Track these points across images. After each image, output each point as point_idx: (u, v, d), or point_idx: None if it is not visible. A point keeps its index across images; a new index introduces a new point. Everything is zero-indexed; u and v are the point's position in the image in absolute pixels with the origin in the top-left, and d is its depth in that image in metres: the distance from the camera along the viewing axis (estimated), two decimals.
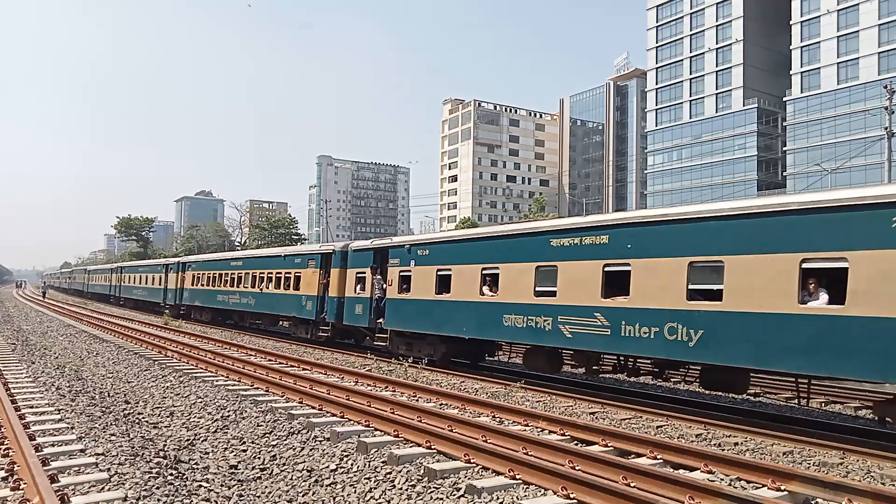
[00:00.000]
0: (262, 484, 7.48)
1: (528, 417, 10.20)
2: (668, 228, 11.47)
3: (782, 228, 9.69)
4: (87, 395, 12.30)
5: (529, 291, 13.79)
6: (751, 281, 9.92)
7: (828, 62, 79.98)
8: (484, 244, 15.71)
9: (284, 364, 17.27)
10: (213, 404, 11.51)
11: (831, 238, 9.09)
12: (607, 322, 12.00)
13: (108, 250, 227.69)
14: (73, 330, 27.67)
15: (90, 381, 14.20)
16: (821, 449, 9.48)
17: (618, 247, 12.06)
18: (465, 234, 17.44)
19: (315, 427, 9.40)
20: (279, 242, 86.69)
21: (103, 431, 9.13)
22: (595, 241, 12.49)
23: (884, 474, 8.31)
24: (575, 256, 12.85)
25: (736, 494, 6.08)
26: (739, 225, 10.25)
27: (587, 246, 12.62)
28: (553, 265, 13.36)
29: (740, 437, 10.18)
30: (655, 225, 11.69)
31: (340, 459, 7.99)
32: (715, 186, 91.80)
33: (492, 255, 15.22)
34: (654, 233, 11.60)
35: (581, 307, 12.54)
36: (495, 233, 15.78)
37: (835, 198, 9.23)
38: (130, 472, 7.13)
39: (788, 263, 9.47)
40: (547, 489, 6.64)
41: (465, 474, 7.20)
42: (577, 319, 12.61)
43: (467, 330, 15.78)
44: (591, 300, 12.30)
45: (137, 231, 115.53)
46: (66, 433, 8.85)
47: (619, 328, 11.77)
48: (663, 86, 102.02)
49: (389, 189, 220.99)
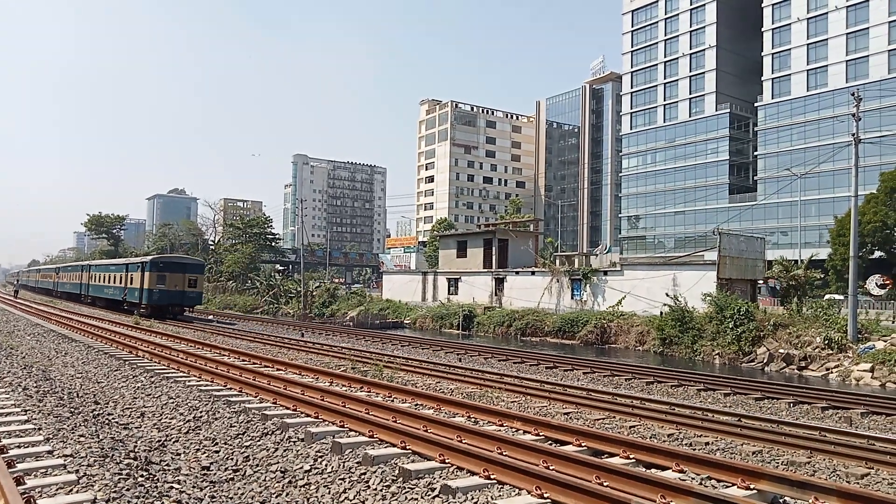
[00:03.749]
0: (235, 485, 7.40)
1: (503, 418, 10.25)
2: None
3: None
4: (55, 395, 12.06)
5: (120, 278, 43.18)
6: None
7: (798, 69, 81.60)
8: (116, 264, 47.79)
9: (258, 364, 17.13)
10: (185, 405, 11.36)
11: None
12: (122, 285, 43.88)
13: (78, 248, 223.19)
14: (41, 329, 27.10)
15: (58, 382, 13.92)
16: (789, 448, 9.68)
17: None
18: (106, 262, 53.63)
19: (289, 428, 9.33)
20: (254, 242, 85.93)
21: (72, 432, 8.96)
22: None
23: (849, 473, 8.52)
24: (102, 270, 49.03)
25: (707, 493, 6.18)
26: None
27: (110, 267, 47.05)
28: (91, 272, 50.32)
29: (711, 437, 10.35)
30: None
31: (315, 460, 7.95)
32: (688, 190, 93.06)
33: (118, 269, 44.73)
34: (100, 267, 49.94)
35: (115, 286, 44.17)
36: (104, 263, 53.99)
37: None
38: (100, 474, 7.02)
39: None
40: (521, 489, 6.67)
41: (440, 474, 7.21)
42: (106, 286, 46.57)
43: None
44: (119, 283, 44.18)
45: (108, 229, 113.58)
46: (33, 434, 8.68)
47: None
48: (638, 90, 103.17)
49: (366, 189, 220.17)
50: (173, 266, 40.05)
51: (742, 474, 7.13)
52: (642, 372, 19.86)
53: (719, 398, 16.04)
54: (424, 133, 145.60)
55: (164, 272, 38.89)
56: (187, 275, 39.77)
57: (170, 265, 40.10)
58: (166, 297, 38.63)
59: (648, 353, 30.29)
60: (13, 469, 6.77)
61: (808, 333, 25.85)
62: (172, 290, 38.81)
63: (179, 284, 39.11)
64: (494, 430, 9.33)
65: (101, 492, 6.44)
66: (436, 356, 23.59)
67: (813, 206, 77.08)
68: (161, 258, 43.18)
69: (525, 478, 6.75)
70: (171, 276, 39.01)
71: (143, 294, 39.04)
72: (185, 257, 49.33)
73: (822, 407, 14.81)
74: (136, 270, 40.62)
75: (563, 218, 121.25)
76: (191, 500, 6.72)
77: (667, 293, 31.71)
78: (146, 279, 38.85)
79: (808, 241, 71.94)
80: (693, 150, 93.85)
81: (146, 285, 38.76)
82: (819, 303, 30.83)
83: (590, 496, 6.10)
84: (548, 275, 41.23)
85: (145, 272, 39.08)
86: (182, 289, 39.28)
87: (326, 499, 6.82)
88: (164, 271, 38.94)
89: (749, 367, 25.77)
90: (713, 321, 28.64)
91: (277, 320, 45.73)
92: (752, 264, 35.58)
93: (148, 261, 40.24)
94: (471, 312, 41.15)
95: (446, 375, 16.88)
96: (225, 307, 61.22)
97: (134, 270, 40.97)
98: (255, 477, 7.62)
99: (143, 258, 43.11)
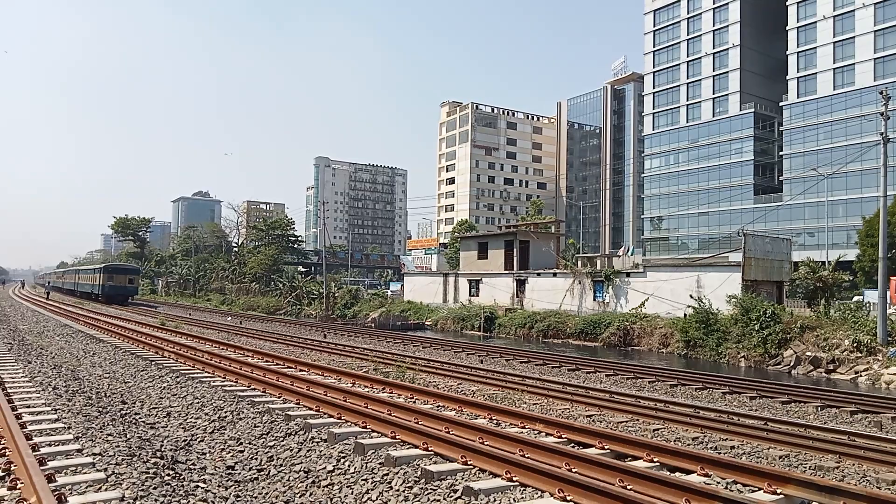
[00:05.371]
0: (259, 485, 7.48)
1: (525, 420, 10.21)
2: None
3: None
4: (83, 394, 12.28)
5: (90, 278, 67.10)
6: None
7: (824, 67, 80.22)
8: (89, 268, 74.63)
9: (281, 365, 17.27)
10: (211, 405, 11.50)
11: None
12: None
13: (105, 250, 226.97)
14: (69, 330, 27.61)
15: (87, 381, 14.18)
16: (817, 453, 9.52)
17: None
18: (86, 267, 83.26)
19: (312, 428, 9.39)
20: (276, 243, 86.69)
21: (100, 431, 9.12)
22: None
23: (880, 478, 8.35)
24: (85, 273, 72.95)
25: (732, 497, 6.10)
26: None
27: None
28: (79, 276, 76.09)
29: (736, 440, 10.22)
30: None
31: (338, 461, 7.99)
32: (712, 190, 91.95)
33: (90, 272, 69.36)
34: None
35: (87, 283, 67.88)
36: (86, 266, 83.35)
37: None
38: (127, 473, 7.13)
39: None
40: (544, 491, 6.64)
41: (462, 476, 7.21)
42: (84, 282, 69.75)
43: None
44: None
45: (134, 231, 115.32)
46: (62, 433, 8.84)
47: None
48: (660, 90, 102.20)
49: (387, 191, 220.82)
50: (118, 270, 63.27)
51: (768, 479, 7.02)
52: (666, 374, 19.67)
53: (745, 401, 15.84)
54: (445, 135, 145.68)
55: (112, 274, 60.69)
56: (128, 275, 62.43)
57: (116, 269, 63.12)
58: (114, 290, 59.37)
59: (672, 355, 29.99)
60: (45, 467, 6.91)
61: (836, 336, 25.41)
62: (118, 285, 59.90)
63: (122, 282, 60.67)
64: (516, 432, 9.31)
65: (129, 490, 6.54)
66: (457, 358, 23.59)
67: (840, 207, 75.72)
68: (110, 265, 67.57)
69: (548, 480, 6.72)
70: (117, 276, 60.42)
71: (101, 288, 59.81)
72: (126, 264, 75.38)
73: (850, 411, 14.55)
74: (98, 273, 62.79)
75: (585, 219, 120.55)
76: (216, 499, 6.81)
77: (691, 295, 31.38)
78: (101, 278, 60.24)
79: (835, 242, 70.67)
80: (717, 151, 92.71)
81: (101, 282, 60.12)
82: (847, 305, 30.28)
83: (613, 499, 6.05)
84: (570, 276, 41.02)
85: (101, 274, 61.09)
86: (124, 284, 60.72)
87: (349, 499, 6.86)
88: (112, 273, 60.89)
89: (775, 370, 25.40)
90: (738, 323, 28.27)
91: (300, 321, 46.07)
92: (778, 266, 35.06)
93: (101, 266, 64.94)
94: (492, 314, 41.07)
95: (468, 377, 16.88)
96: (248, 308, 61.80)
97: (97, 273, 63.09)
98: (279, 477, 7.69)
99: (99, 265, 69.91)
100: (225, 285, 79.43)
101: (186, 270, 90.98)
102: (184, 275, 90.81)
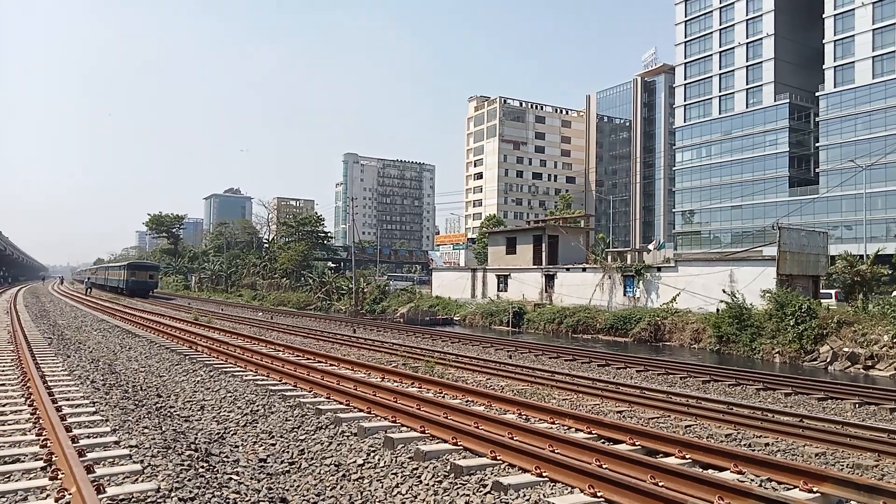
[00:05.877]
0: (291, 477, 7.57)
1: (555, 415, 10.17)
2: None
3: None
4: (120, 388, 12.56)
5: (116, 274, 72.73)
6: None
7: (862, 56, 78.01)
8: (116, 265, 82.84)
9: (312, 360, 17.45)
10: (243, 399, 11.68)
11: None
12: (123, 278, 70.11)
13: (140, 246, 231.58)
14: (106, 325, 28.26)
15: (123, 375, 14.50)
16: (854, 451, 9.31)
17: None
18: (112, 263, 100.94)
19: (342, 422, 9.48)
20: (306, 240, 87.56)
21: (136, 424, 9.32)
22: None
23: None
24: (113, 269, 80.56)
25: (767, 495, 5.99)
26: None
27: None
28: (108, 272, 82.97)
29: (771, 437, 10.05)
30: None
31: (368, 455, 8.06)
32: (745, 183, 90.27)
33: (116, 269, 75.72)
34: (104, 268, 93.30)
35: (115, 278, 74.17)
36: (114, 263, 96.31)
37: None
38: (163, 464, 7.28)
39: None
40: (574, 487, 6.61)
41: (491, 471, 7.21)
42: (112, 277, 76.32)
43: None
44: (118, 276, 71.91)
45: (168, 228, 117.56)
46: (100, 425, 9.06)
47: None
48: (692, 81, 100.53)
49: (415, 186, 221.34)
50: (140, 267, 70.03)
51: (804, 476, 6.89)
52: (698, 370, 19.40)
53: (780, 398, 15.55)
54: (473, 130, 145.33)
55: (135, 270, 67.52)
56: (149, 272, 68.93)
57: (138, 266, 69.92)
58: (136, 284, 65.19)
59: (704, 351, 29.57)
60: (84, 458, 7.09)
61: (874, 331, 24.78)
62: (139, 280, 65.99)
63: (144, 277, 66.85)
64: (546, 427, 9.27)
65: (165, 481, 6.68)
66: (486, 353, 23.58)
67: (879, 199, 73.72)
68: (133, 262, 74.34)
69: (578, 476, 6.68)
70: (139, 273, 67.00)
71: (126, 283, 65.76)
72: (147, 262, 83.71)
73: (890, 408, 14.18)
74: (123, 269, 69.60)
75: (615, 213, 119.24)
76: (249, 490, 6.91)
77: (723, 290, 30.87)
78: (126, 274, 66.79)
79: (873, 235, 68.82)
80: (750, 143, 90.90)
81: (126, 278, 66.31)
82: (887, 299, 29.48)
83: (645, 496, 6.00)
84: (599, 271, 40.67)
85: (125, 270, 68.03)
86: (145, 280, 66.95)
87: (380, 492, 6.91)
88: (135, 269, 67.61)
89: (811, 367, 24.88)
90: (773, 318, 27.74)
91: (330, 316, 46.50)
92: (815, 260, 34.28)
93: (126, 264, 72.11)
94: (521, 309, 40.94)
95: (497, 372, 16.86)
96: (279, 304, 62.53)
97: (123, 269, 70.03)
98: (310, 470, 7.78)
99: (125, 262, 77.72)
100: (256, 281, 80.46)
101: (219, 266, 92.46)
102: (216, 271, 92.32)
